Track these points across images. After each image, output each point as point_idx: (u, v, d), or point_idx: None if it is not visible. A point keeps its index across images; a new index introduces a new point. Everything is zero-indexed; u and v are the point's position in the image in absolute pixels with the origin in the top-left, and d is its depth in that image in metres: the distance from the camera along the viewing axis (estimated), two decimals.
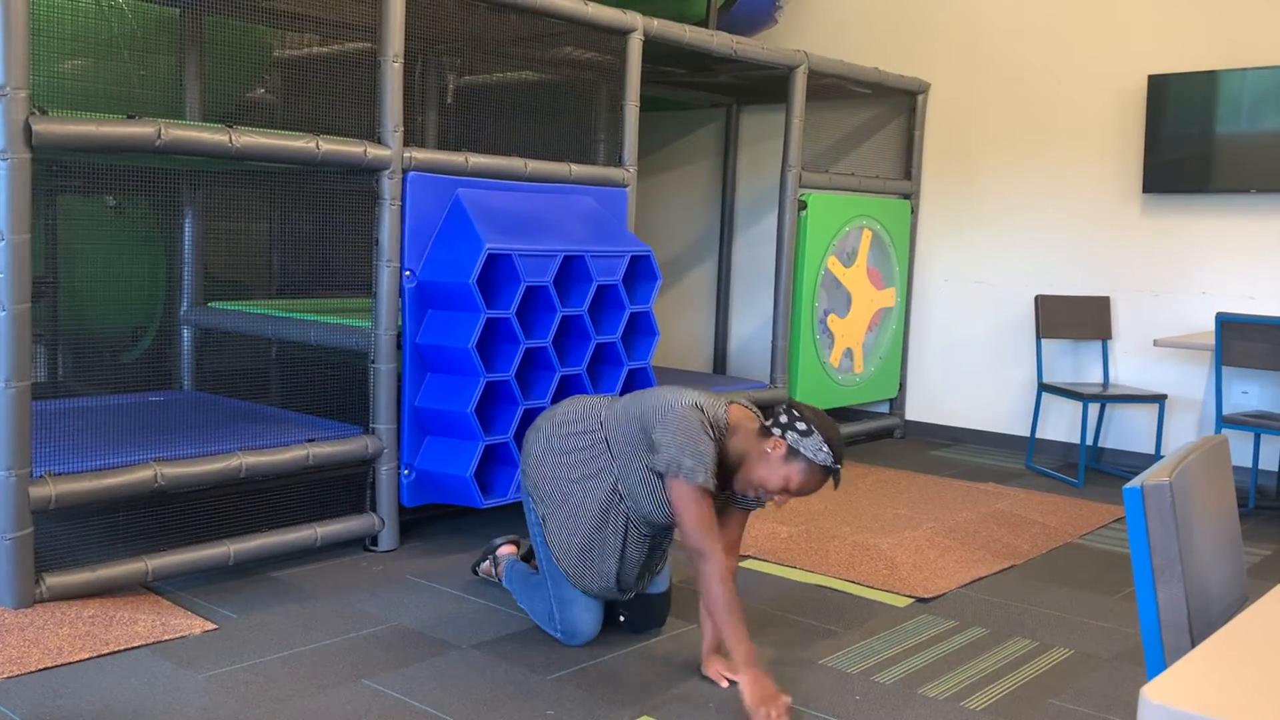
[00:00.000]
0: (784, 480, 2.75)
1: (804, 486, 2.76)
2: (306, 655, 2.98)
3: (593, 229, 4.21)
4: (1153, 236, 5.63)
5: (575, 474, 3.00)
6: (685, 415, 2.78)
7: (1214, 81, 5.29)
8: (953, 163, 6.28)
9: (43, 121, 3.01)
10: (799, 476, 2.74)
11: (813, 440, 2.73)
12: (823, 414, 2.79)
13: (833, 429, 2.77)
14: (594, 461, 2.97)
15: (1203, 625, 1.56)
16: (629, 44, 4.54)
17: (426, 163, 3.86)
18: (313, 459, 3.70)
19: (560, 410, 3.11)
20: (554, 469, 3.03)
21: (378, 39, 3.74)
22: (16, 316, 3.04)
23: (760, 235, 6.99)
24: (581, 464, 2.99)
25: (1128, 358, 5.74)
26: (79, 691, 2.71)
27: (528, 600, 3.24)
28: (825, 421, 2.76)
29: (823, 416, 2.78)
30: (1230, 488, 1.84)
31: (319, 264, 4.93)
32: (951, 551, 4.09)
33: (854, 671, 3.01)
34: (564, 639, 3.11)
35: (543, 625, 3.18)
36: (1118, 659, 3.17)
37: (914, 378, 6.48)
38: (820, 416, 2.77)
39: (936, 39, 6.30)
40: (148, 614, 3.18)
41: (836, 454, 2.73)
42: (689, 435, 2.75)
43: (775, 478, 2.76)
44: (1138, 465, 5.73)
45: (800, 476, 2.74)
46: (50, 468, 3.20)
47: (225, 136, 3.36)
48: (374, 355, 3.83)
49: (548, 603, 3.13)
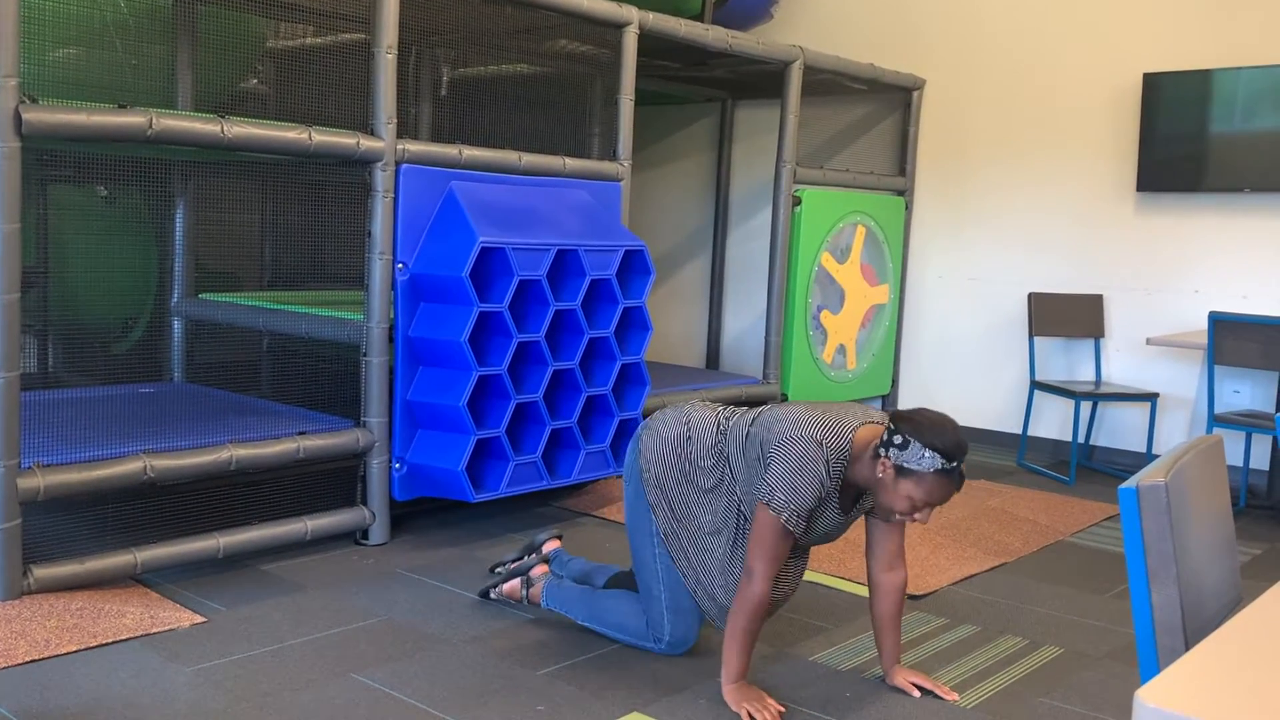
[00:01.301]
0: (907, 499, 2.60)
1: (929, 498, 2.59)
2: (296, 649, 2.97)
3: (587, 223, 4.20)
4: (1146, 235, 5.63)
5: (700, 490, 2.90)
6: (805, 452, 2.65)
7: (1208, 81, 5.29)
8: (947, 159, 6.27)
9: (33, 110, 2.99)
10: (917, 491, 2.58)
11: (912, 451, 2.55)
12: (928, 415, 2.60)
13: (937, 430, 2.57)
14: (716, 477, 2.88)
15: (1197, 626, 1.55)
16: (624, 37, 4.52)
17: (420, 155, 3.84)
18: (303, 452, 3.68)
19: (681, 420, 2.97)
20: (678, 483, 2.93)
21: (371, 30, 3.72)
22: (6, 306, 3.02)
23: (754, 230, 6.97)
24: (706, 479, 2.89)
25: (1120, 356, 5.74)
26: (66, 684, 2.69)
27: (612, 615, 3.10)
28: (927, 425, 2.58)
29: (926, 419, 2.59)
30: (1225, 488, 1.83)
31: (311, 256, 4.91)
32: (943, 549, 4.09)
33: (845, 668, 3.00)
34: (669, 649, 3.02)
35: (634, 639, 3.06)
36: (1108, 657, 3.17)
37: (907, 374, 6.47)
38: (921, 421, 2.59)
39: (932, 36, 6.29)
40: (136, 606, 3.16)
41: (946, 453, 2.55)
42: (798, 472, 2.64)
43: (899, 500, 2.61)
44: (1129, 463, 5.74)
45: (919, 490, 2.58)
46: (39, 459, 3.18)
47: (217, 127, 3.34)
48: (366, 348, 3.82)
49: (659, 614, 2.99)
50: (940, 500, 2.60)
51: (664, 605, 2.98)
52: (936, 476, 2.56)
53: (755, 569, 2.67)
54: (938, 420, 2.59)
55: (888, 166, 6.35)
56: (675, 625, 2.98)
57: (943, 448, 2.54)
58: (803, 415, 2.71)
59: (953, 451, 2.55)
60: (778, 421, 2.73)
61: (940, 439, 2.55)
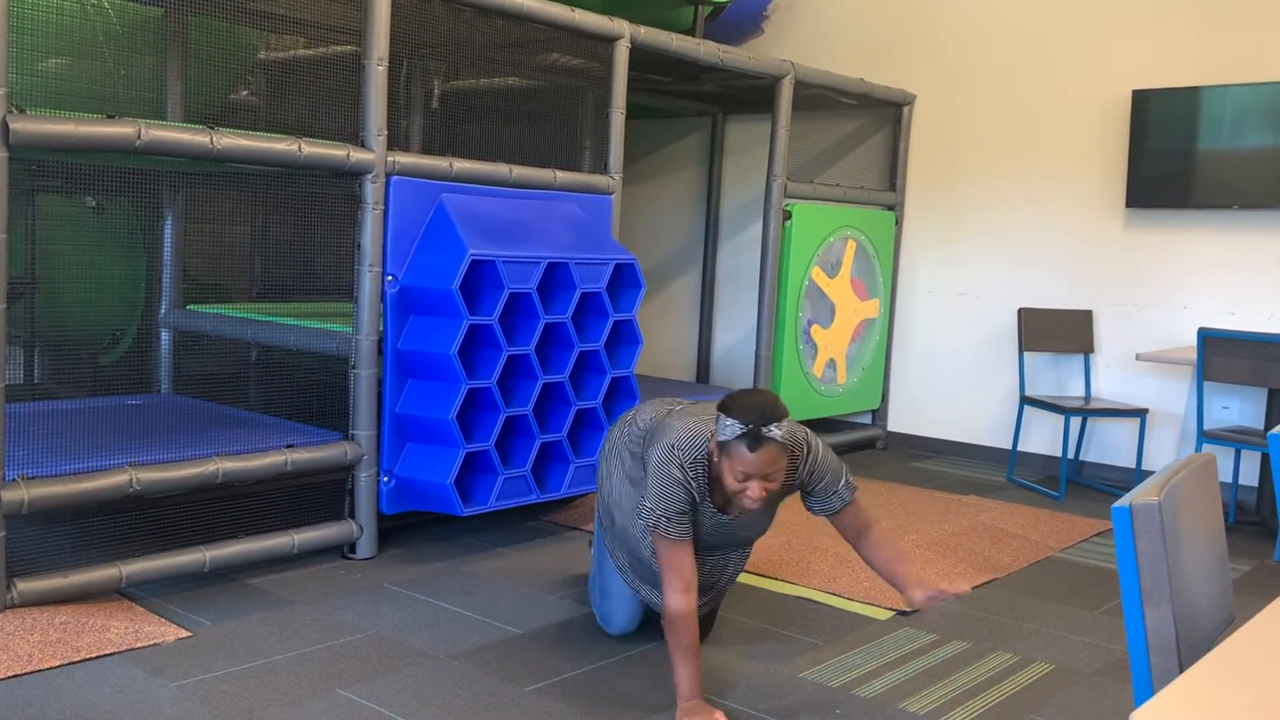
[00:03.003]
0: (732, 477, 2.61)
1: (746, 468, 2.58)
2: (282, 664, 2.94)
3: (577, 236, 4.19)
4: (1135, 251, 5.65)
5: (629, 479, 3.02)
6: (664, 458, 2.74)
7: (1197, 98, 5.31)
8: (937, 175, 6.29)
9: (21, 120, 2.97)
10: (735, 465, 2.59)
11: (721, 423, 2.59)
12: (745, 392, 2.63)
13: (743, 402, 2.58)
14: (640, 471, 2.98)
15: (1190, 646, 1.55)
16: (616, 51, 4.53)
17: (410, 167, 3.83)
18: (291, 465, 3.66)
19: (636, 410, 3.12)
20: (614, 469, 3.08)
21: (362, 42, 3.71)
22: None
23: (744, 244, 6.98)
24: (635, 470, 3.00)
25: (1109, 371, 5.75)
26: (49, 700, 2.66)
27: (594, 585, 3.31)
28: (738, 398, 2.60)
29: (740, 395, 2.61)
30: (1217, 507, 1.82)
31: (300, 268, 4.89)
32: (933, 564, 4.08)
33: (835, 685, 2.99)
34: (601, 624, 3.23)
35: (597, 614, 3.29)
36: (1098, 674, 3.16)
37: (897, 389, 6.47)
38: (735, 396, 2.61)
39: (922, 51, 6.31)
40: (121, 621, 3.13)
41: (744, 418, 2.54)
42: (660, 481, 2.73)
43: (729, 480, 2.62)
44: (1118, 479, 5.74)
45: (735, 464, 2.58)
46: (24, 471, 3.15)
47: (206, 138, 3.32)
48: (355, 360, 3.80)
49: (595, 591, 3.24)
50: (755, 470, 2.57)
51: (599, 584, 3.21)
52: (738, 442, 2.55)
53: (663, 583, 2.71)
54: (752, 394, 2.62)
55: (878, 181, 6.36)
56: (601, 604, 3.20)
57: (741, 415, 2.55)
58: (676, 423, 2.80)
59: (752, 417, 2.54)
60: (662, 432, 2.83)
61: (743, 409, 2.56)
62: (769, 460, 2.57)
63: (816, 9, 6.68)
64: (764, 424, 2.55)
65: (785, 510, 4.72)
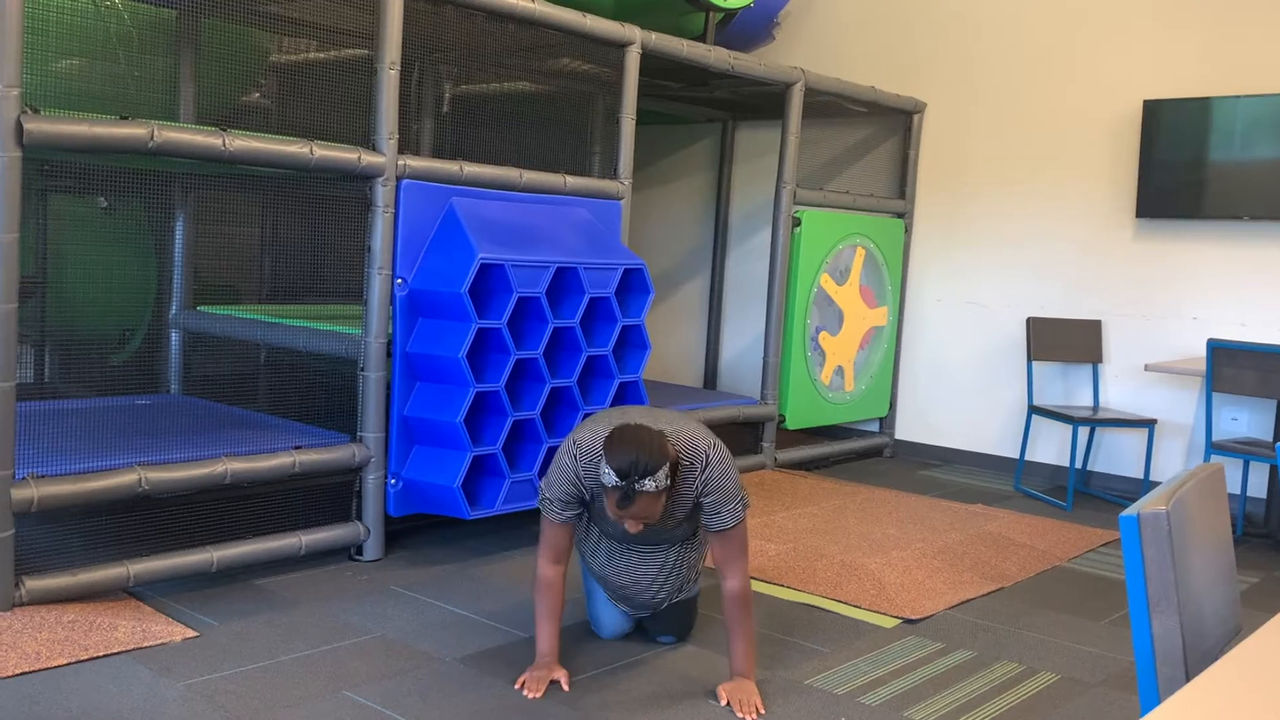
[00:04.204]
0: (610, 510, 2.77)
1: (615, 509, 2.73)
2: (288, 665, 2.95)
3: (586, 241, 4.20)
4: (1145, 261, 5.64)
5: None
6: (562, 450, 2.92)
7: (1208, 108, 5.30)
8: (947, 183, 6.29)
9: (34, 120, 2.99)
10: (608, 500, 2.75)
11: (602, 465, 2.73)
12: (627, 432, 2.72)
13: (620, 448, 2.69)
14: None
15: (1197, 656, 1.54)
16: (627, 57, 4.53)
17: (421, 171, 3.84)
18: (299, 466, 3.67)
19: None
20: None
21: (375, 46, 3.73)
22: (3, 316, 3.01)
23: (753, 251, 6.98)
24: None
25: (1118, 381, 5.74)
26: (56, 698, 2.67)
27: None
28: (617, 441, 2.71)
29: (619, 436, 2.72)
30: (1225, 517, 1.82)
31: (310, 270, 4.90)
32: (940, 573, 4.07)
33: (840, 692, 2.99)
34: (593, 629, 3.30)
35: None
36: (1105, 684, 3.15)
37: (904, 397, 6.47)
38: (615, 437, 2.72)
39: (933, 59, 6.31)
40: (128, 620, 3.14)
41: (620, 469, 2.68)
42: (554, 467, 2.92)
43: (609, 508, 2.77)
44: (1126, 489, 5.73)
45: (610, 505, 2.75)
46: (34, 469, 3.17)
47: (218, 140, 3.33)
48: (363, 363, 3.81)
49: (585, 592, 3.32)
50: (625, 513, 2.72)
51: (586, 588, 3.30)
52: (611, 491, 2.71)
53: (539, 553, 2.97)
54: (631, 438, 2.72)
55: (888, 189, 6.36)
56: (591, 607, 3.28)
57: (617, 466, 2.68)
58: (594, 424, 2.91)
59: (626, 470, 2.67)
60: (584, 424, 2.96)
61: (619, 458, 2.69)
62: (641, 509, 2.72)
63: (828, 16, 6.68)
64: (638, 478, 2.67)
65: (788, 518, 4.72)
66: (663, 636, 3.26)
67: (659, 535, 3.04)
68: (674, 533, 3.05)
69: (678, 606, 3.23)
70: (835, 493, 5.29)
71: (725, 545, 2.90)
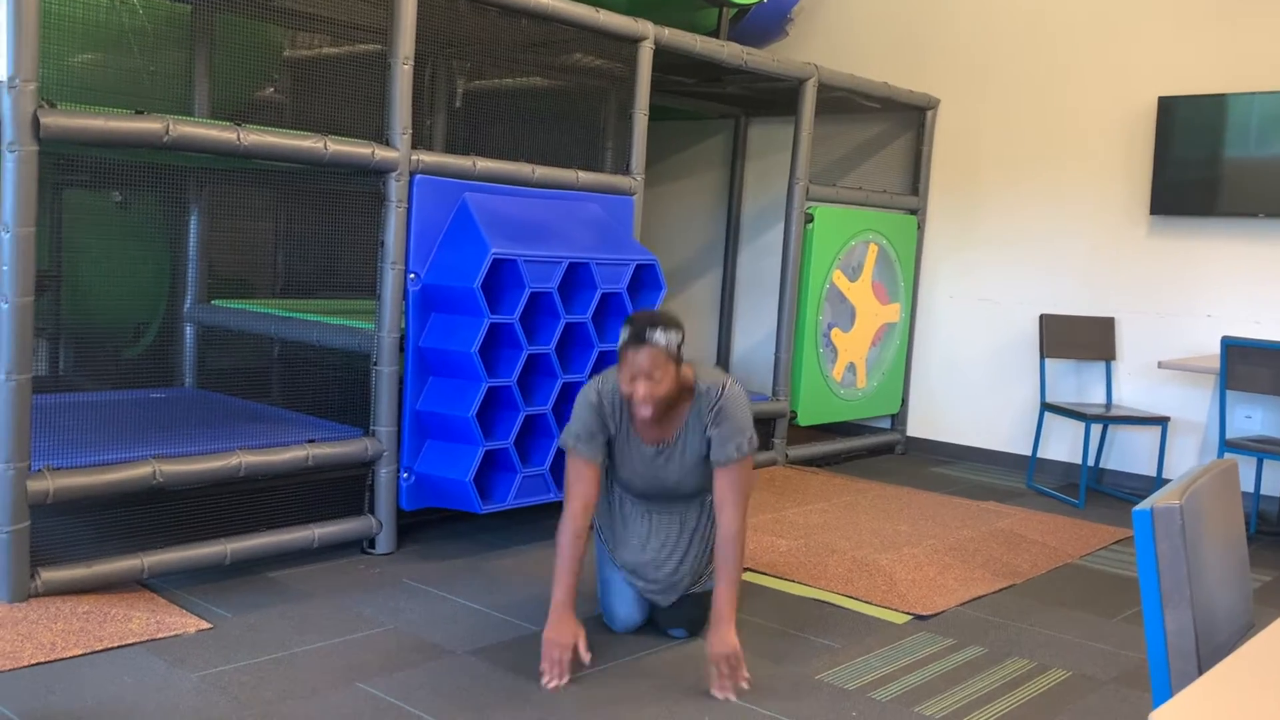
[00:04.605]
0: (624, 383, 2.90)
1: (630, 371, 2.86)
2: (301, 657, 2.97)
3: (598, 236, 4.20)
4: (1159, 258, 5.62)
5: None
6: (585, 390, 3.06)
7: (1223, 105, 5.28)
8: (960, 179, 6.27)
9: (51, 114, 3.00)
10: (623, 368, 2.89)
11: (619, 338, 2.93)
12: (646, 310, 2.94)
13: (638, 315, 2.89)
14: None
15: (1210, 651, 1.54)
16: (640, 52, 4.54)
17: (434, 166, 3.85)
18: (312, 460, 3.68)
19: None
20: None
21: (388, 41, 3.74)
22: (19, 309, 3.03)
23: (765, 247, 6.98)
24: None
25: (1131, 379, 5.72)
26: (71, 688, 2.69)
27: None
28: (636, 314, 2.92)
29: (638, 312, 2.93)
30: (1239, 512, 1.82)
31: (323, 264, 4.92)
32: (951, 569, 4.07)
33: (851, 688, 2.99)
34: (606, 622, 3.29)
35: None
36: (1116, 681, 3.15)
37: (916, 394, 6.46)
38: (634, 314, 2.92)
39: (947, 55, 6.30)
40: (142, 611, 3.16)
41: (633, 326, 2.86)
42: (577, 407, 3.05)
43: (624, 387, 2.91)
44: (1139, 487, 5.71)
45: (623, 366, 2.89)
46: (49, 462, 3.19)
47: (233, 134, 3.35)
48: (376, 357, 3.82)
49: (598, 584, 3.32)
50: (638, 369, 2.85)
51: (600, 579, 3.31)
52: (623, 346, 2.88)
53: (565, 502, 3.02)
54: (651, 311, 2.93)
55: (900, 185, 6.35)
56: (602, 597, 3.29)
57: (631, 325, 2.88)
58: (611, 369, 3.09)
59: (636, 320, 2.87)
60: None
61: (634, 320, 2.89)
62: (649, 359, 2.84)
63: (841, 12, 6.67)
64: (648, 327, 2.85)
65: (800, 514, 4.72)
66: (675, 630, 3.26)
67: (676, 480, 3.09)
68: (689, 477, 3.09)
69: (693, 599, 3.24)
70: (847, 489, 5.29)
71: (726, 481, 2.98)
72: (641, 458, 3.09)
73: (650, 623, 3.31)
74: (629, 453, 3.10)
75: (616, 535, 3.25)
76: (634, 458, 3.09)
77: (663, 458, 3.08)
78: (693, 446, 3.05)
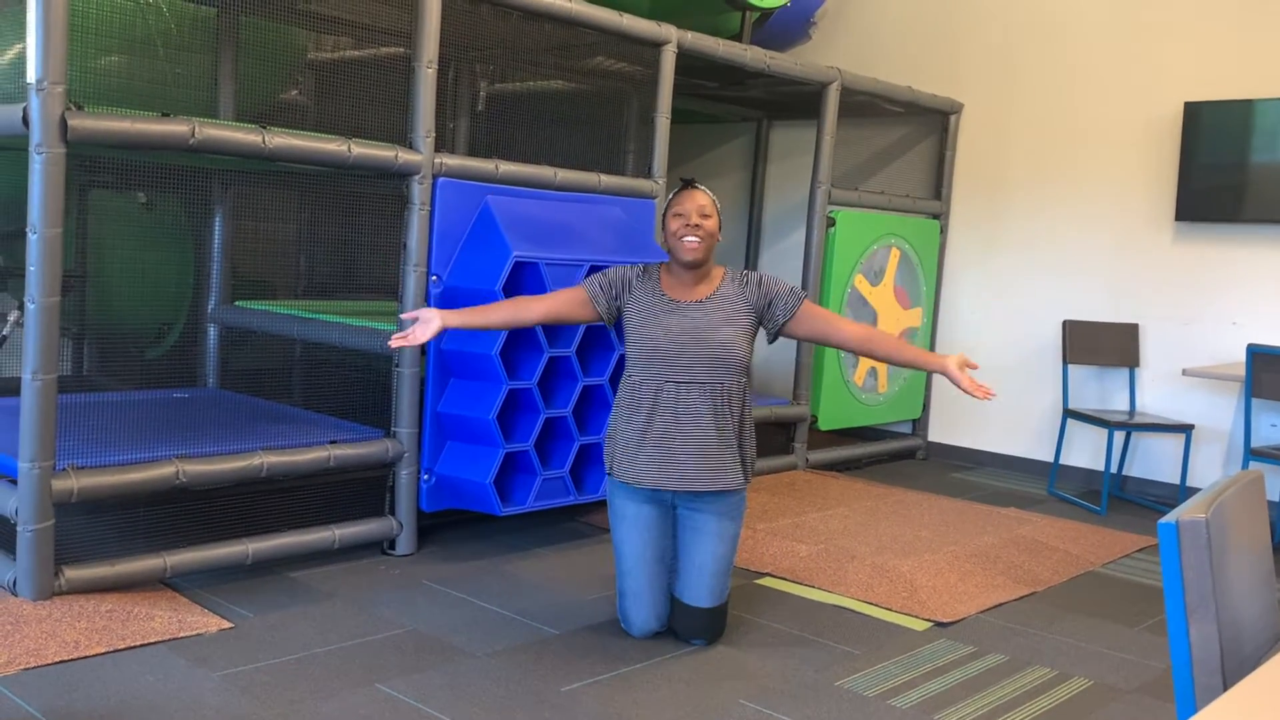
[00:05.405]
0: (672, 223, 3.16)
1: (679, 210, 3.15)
2: (321, 657, 2.98)
3: (620, 239, 4.21)
4: (1184, 264, 5.58)
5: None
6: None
7: (1250, 111, 5.24)
8: (983, 184, 6.25)
9: (78, 117, 3.03)
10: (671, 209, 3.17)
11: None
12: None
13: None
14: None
15: (1235, 664, 1.53)
16: (662, 56, 4.54)
17: (457, 169, 3.86)
18: (334, 461, 3.70)
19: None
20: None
21: (412, 44, 3.75)
22: (45, 310, 3.06)
23: (787, 251, 6.96)
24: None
25: (1155, 386, 5.68)
26: (94, 686, 2.71)
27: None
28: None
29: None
30: (1265, 525, 1.80)
31: (346, 266, 4.94)
32: (972, 576, 4.05)
33: (871, 694, 2.98)
34: (624, 627, 3.30)
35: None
36: (1138, 691, 3.13)
37: (938, 399, 6.43)
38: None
39: (971, 60, 6.27)
40: (165, 610, 3.18)
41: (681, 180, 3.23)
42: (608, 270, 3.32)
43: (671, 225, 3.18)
44: (1162, 495, 5.67)
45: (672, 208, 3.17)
46: (73, 461, 3.21)
47: (258, 137, 3.37)
48: (398, 359, 3.83)
49: (617, 590, 3.33)
50: (687, 207, 3.14)
51: (618, 585, 3.31)
52: (674, 195, 3.20)
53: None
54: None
55: (923, 190, 6.33)
56: (620, 604, 3.29)
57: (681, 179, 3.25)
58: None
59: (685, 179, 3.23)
60: None
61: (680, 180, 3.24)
62: (704, 197, 3.17)
63: (864, 16, 6.66)
64: (696, 182, 3.20)
65: (820, 519, 4.71)
66: (694, 639, 3.26)
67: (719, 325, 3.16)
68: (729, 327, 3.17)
69: (710, 613, 3.23)
70: (867, 494, 5.27)
71: (812, 313, 3.24)
72: (678, 311, 3.18)
73: (668, 630, 3.31)
74: (658, 312, 3.18)
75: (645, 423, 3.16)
76: (665, 314, 3.18)
77: (701, 311, 3.18)
78: (731, 303, 3.20)
